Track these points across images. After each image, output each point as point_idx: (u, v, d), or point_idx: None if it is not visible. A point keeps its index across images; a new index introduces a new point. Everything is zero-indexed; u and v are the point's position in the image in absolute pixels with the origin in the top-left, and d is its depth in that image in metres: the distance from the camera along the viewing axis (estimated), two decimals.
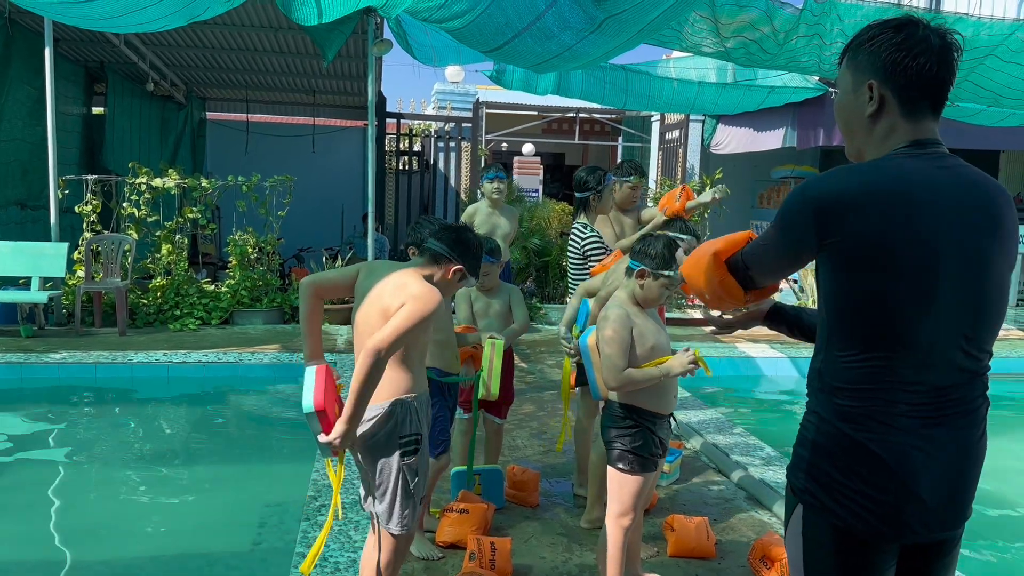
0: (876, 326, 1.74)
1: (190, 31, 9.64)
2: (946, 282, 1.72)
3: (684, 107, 11.03)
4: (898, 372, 1.75)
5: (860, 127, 1.86)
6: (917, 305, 1.72)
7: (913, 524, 1.78)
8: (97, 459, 5.71)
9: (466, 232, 2.94)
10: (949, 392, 1.77)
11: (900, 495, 1.75)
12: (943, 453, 1.77)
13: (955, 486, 1.81)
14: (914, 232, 1.71)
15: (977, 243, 1.76)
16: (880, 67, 1.81)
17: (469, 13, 5.14)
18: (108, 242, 8.64)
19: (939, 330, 1.74)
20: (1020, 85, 5.67)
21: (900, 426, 1.75)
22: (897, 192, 1.73)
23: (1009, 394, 8.06)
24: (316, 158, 13.94)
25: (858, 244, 1.71)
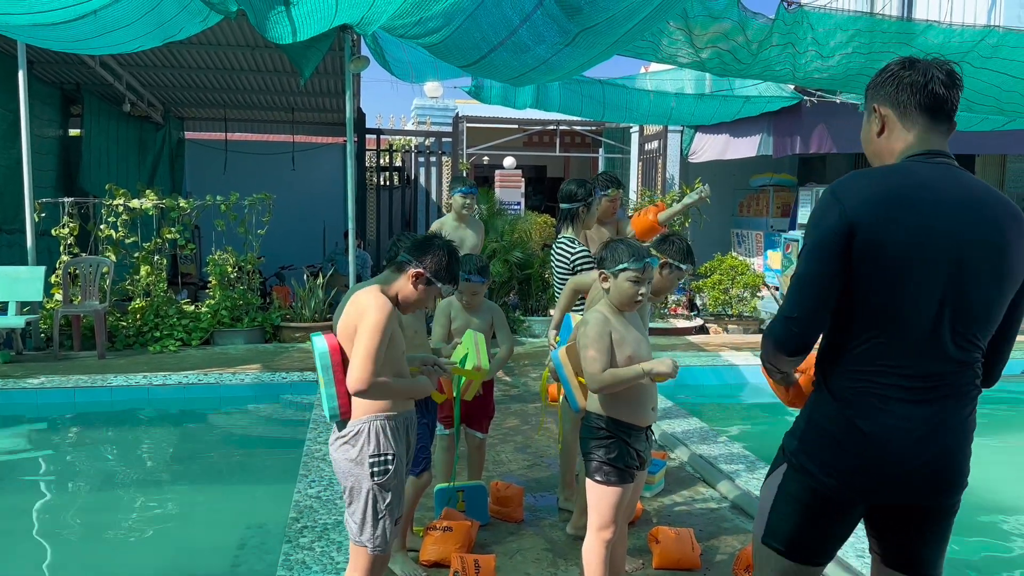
0: (871, 315, 1.94)
1: (166, 51, 9.60)
2: (937, 280, 1.91)
3: (662, 118, 11.09)
4: (890, 357, 1.95)
5: (871, 151, 2.14)
6: (910, 299, 1.91)
7: (885, 492, 2.00)
8: (77, 484, 5.64)
9: (432, 239, 2.92)
10: (941, 378, 1.97)
11: (880, 469, 1.97)
12: (928, 432, 1.96)
13: (939, 462, 1.99)
14: (909, 231, 1.90)
15: (992, 245, 1.94)
16: (882, 93, 2.08)
17: (445, 29, 5.14)
18: (86, 264, 8.56)
19: (930, 322, 1.93)
20: (992, 91, 5.73)
21: (890, 407, 1.95)
22: (898, 194, 1.94)
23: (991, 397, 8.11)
24: (296, 176, 13.90)
25: (860, 241, 1.92)
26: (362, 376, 2.61)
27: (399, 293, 2.85)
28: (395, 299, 2.82)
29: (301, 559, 3.70)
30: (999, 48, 5.25)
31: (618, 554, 3.37)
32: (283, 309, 9.27)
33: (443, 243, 2.92)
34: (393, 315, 2.70)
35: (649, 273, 3.14)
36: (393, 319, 2.70)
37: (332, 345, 2.75)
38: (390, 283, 2.85)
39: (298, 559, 3.70)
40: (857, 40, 5.01)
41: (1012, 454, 6.45)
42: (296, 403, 6.93)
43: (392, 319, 2.69)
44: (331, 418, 2.79)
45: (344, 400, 2.75)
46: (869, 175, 2.02)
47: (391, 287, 2.84)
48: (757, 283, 10.35)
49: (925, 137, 2.04)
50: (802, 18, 4.92)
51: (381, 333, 2.63)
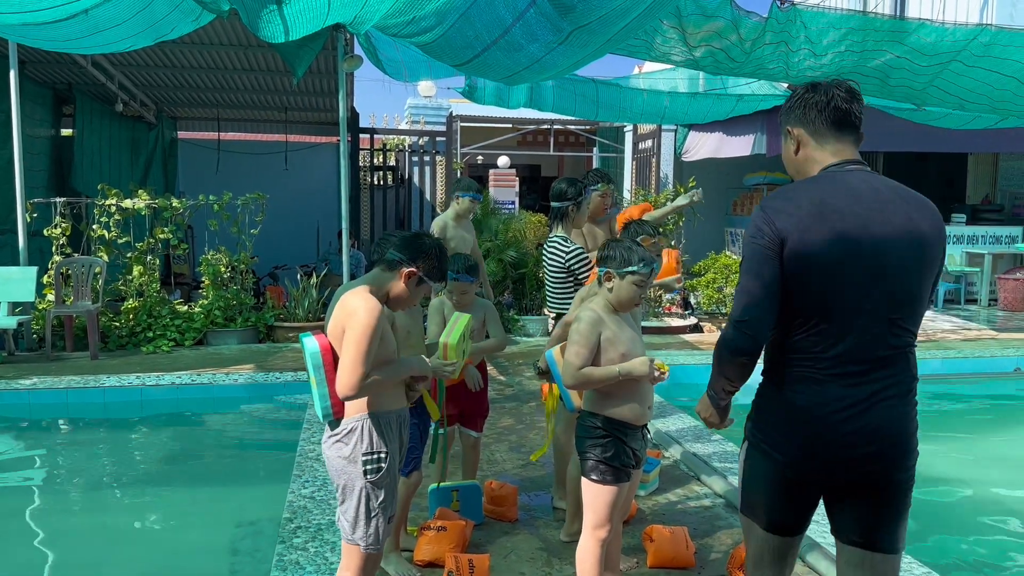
0: (808, 311, 2.17)
1: (158, 51, 9.56)
2: (862, 274, 2.13)
3: (655, 117, 11.09)
4: (827, 345, 2.17)
5: (792, 169, 2.38)
6: (841, 294, 2.14)
7: (829, 472, 2.21)
8: (69, 486, 5.62)
9: (423, 237, 2.92)
10: (876, 363, 2.17)
11: (821, 448, 2.19)
12: (863, 411, 2.16)
13: (877, 439, 2.17)
14: (834, 234, 2.12)
15: (906, 240, 2.15)
16: (793, 116, 2.33)
17: (438, 28, 5.13)
18: (78, 265, 8.53)
19: (863, 313, 2.14)
20: (984, 89, 5.74)
21: (826, 389, 2.17)
22: (820, 202, 2.16)
23: (983, 393, 8.14)
24: (290, 175, 13.86)
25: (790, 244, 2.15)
26: (351, 382, 2.61)
27: (390, 292, 2.84)
28: (385, 298, 2.82)
29: (295, 559, 3.69)
30: (991, 47, 5.26)
31: (612, 552, 3.37)
32: (277, 309, 9.25)
33: (433, 242, 2.92)
34: (383, 317, 2.69)
35: (652, 278, 3.17)
36: (383, 321, 2.69)
37: (323, 345, 2.74)
38: (380, 282, 2.85)
39: (292, 559, 3.69)
40: (850, 39, 5.01)
41: (1006, 450, 6.47)
42: (290, 403, 6.92)
43: (382, 321, 2.68)
44: (324, 417, 2.79)
45: (337, 399, 2.74)
46: (793, 189, 2.25)
47: (382, 286, 2.83)
48: None
49: (837, 149, 2.27)
50: (795, 16, 4.92)
51: (370, 337, 2.62)
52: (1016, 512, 5.17)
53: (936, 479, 5.61)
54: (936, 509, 5.17)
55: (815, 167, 2.29)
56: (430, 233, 3.07)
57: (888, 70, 5.51)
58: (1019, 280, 12.13)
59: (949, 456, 6.19)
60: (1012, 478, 5.79)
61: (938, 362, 8.45)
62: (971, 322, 10.92)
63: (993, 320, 11.21)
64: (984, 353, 8.74)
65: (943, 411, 7.68)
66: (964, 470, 5.90)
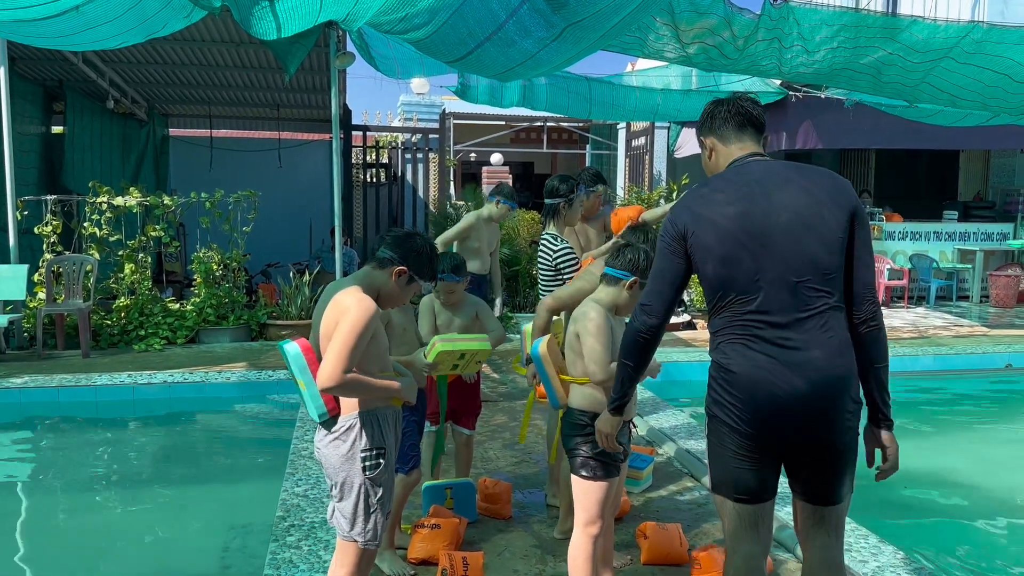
0: (721, 287, 2.42)
1: (150, 47, 9.52)
2: (766, 247, 2.36)
3: (648, 115, 11.10)
4: (747, 315, 2.39)
5: (709, 171, 2.66)
6: (746, 267, 2.37)
7: (773, 433, 2.39)
8: (61, 485, 5.59)
9: (413, 236, 2.92)
10: (796, 325, 2.35)
11: (759, 411, 2.37)
12: (792, 373, 2.33)
13: (811, 399, 2.33)
14: (727, 218, 2.40)
15: (794, 211, 2.37)
16: (705, 127, 2.65)
17: (431, 24, 5.11)
18: (69, 263, 8.49)
19: (771, 282, 2.36)
20: (975, 86, 5.75)
21: (753, 354, 2.37)
22: (714, 191, 2.48)
23: (974, 389, 8.17)
24: (282, 172, 13.82)
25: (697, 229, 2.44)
26: (332, 372, 2.59)
27: (381, 289, 2.84)
28: (376, 295, 2.81)
29: (288, 558, 3.68)
30: (983, 43, 5.27)
31: (606, 548, 3.37)
32: (269, 307, 9.23)
33: (424, 241, 2.92)
34: (375, 316, 2.69)
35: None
36: (375, 320, 2.68)
37: (303, 346, 2.75)
38: (371, 280, 2.84)
39: (285, 558, 3.68)
40: (843, 35, 5.01)
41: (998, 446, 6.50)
42: (282, 402, 6.90)
43: (374, 320, 2.68)
44: (319, 417, 2.78)
45: (329, 397, 2.73)
46: (696, 188, 2.56)
47: (372, 284, 2.83)
48: None
49: (741, 146, 2.56)
50: (788, 13, 4.92)
51: (359, 334, 2.62)
52: (1006, 507, 5.19)
53: (927, 474, 5.63)
54: (927, 504, 5.19)
55: (724, 164, 2.58)
56: (419, 232, 3.06)
57: (880, 66, 5.52)
58: (1010, 277, 12.17)
59: (940, 451, 6.21)
60: (1003, 473, 5.81)
61: (930, 358, 8.48)
62: (963, 318, 10.96)
63: (985, 316, 11.25)
64: (976, 349, 8.77)
65: (935, 407, 7.71)
66: (955, 465, 5.92)
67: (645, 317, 2.54)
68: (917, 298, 12.45)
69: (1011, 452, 6.36)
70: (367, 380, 2.71)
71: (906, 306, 12.03)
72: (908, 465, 5.47)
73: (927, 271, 12.28)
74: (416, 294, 2.99)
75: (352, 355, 2.61)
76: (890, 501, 5.17)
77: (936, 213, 13.30)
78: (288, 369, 2.81)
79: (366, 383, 2.71)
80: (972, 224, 12.98)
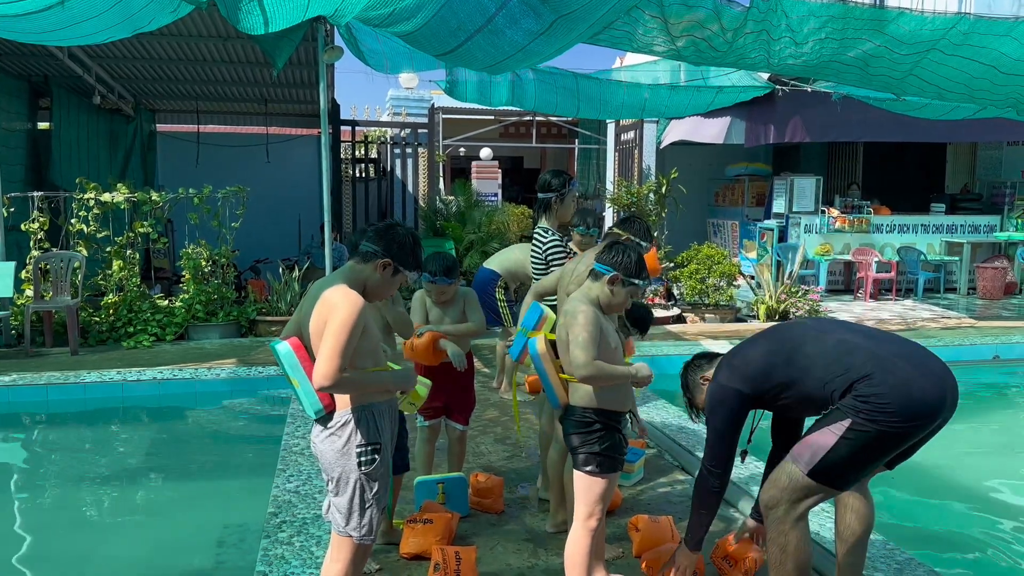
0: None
1: (136, 43, 9.45)
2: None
3: (636, 111, 11.08)
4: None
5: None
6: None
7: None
8: (51, 483, 5.56)
9: (394, 227, 2.91)
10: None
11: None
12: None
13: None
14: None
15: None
16: (696, 374, 3.42)
17: (420, 17, 5.09)
18: (57, 259, 8.44)
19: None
20: (962, 78, 5.76)
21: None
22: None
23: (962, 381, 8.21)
24: (271, 168, 13.76)
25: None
26: (328, 371, 2.59)
27: (367, 283, 2.84)
28: (362, 289, 2.81)
29: (280, 554, 3.67)
30: (970, 35, 5.28)
31: (598, 542, 3.38)
32: (259, 303, 9.19)
33: (406, 231, 2.91)
34: (364, 311, 2.69)
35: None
36: (364, 315, 2.69)
37: (294, 344, 2.76)
38: (356, 274, 2.84)
39: (277, 554, 3.67)
40: (830, 27, 5.01)
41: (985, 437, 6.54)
42: (273, 397, 6.88)
43: (363, 315, 2.68)
44: (315, 414, 2.77)
45: (324, 393, 2.73)
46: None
47: (358, 278, 2.82)
48: (733, 272, 10.40)
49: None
50: (776, 5, 4.91)
51: (350, 331, 2.62)
52: (992, 498, 5.23)
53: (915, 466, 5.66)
54: (915, 495, 5.22)
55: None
56: (400, 223, 3.06)
57: (868, 59, 5.52)
58: (997, 268, 12.25)
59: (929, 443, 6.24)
60: (991, 465, 5.85)
61: None
62: (951, 310, 11.02)
63: (972, 308, 11.32)
64: (964, 341, 8.82)
65: None
66: (942, 457, 5.95)
67: (715, 479, 3.22)
68: (905, 290, 12.51)
69: (998, 442, 6.40)
70: (361, 376, 2.71)
71: (894, 298, 12.09)
72: None
73: (915, 263, 12.35)
74: (403, 285, 2.98)
75: (345, 352, 2.61)
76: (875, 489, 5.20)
77: (924, 206, 13.37)
78: (281, 368, 2.81)
79: (361, 379, 2.71)
80: (959, 216, 13.05)
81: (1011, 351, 8.68)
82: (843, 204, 12.98)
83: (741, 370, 3.14)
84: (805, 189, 12.58)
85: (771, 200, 13.19)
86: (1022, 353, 8.69)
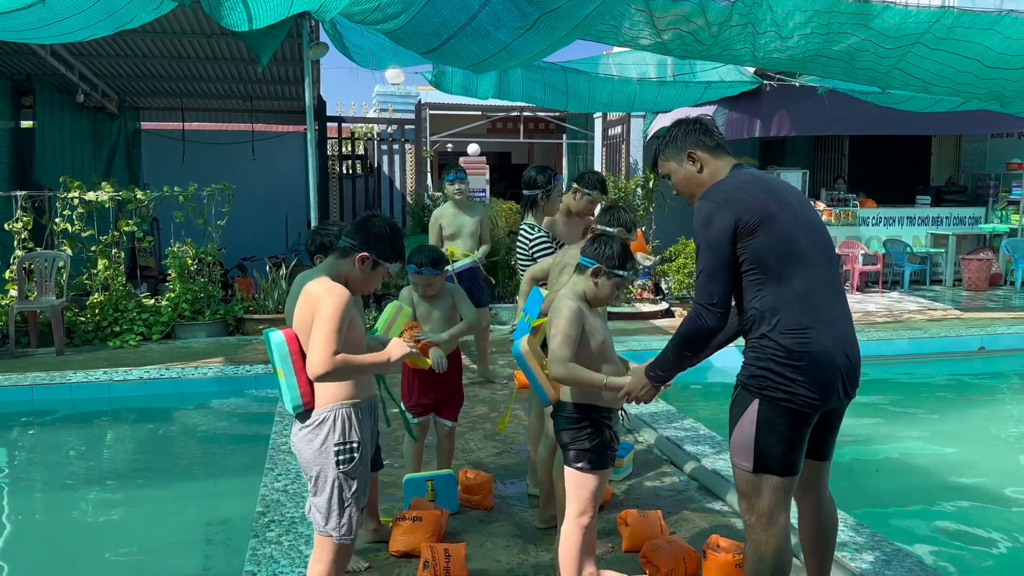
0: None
1: (119, 40, 9.38)
2: (799, 226, 2.69)
3: (624, 106, 11.09)
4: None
5: (697, 184, 2.87)
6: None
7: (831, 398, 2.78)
8: (37, 484, 5.52)
9: (371, 219, 2.87)
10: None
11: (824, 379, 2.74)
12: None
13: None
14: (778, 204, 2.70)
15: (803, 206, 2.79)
16: (691, 141, 2.88)
17: (404, 15, 5.07)
18: (41, 259, 8.38)
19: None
20: (947, 71, 5.79)
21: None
22: (751, 180, 2.76)
23: (948, 372, 8.27)
24: (257, 165, 13.69)
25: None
26: (323, 358, 2.58)
27: (348, 278, 2.81)
28: (344, 284, 2.80)
29: (269, 553, 3.66)
30: (953, 29, 5.30)
31: (588, 538, 3.38)
32: (246, 301, 9.15)
33: (383, 222, 2.87)
34: (350, 302, 2.68)
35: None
36: (350, 306, 2.67)
37: (288, 335, 2.73)
38: (336, 269, 2.82)
39: (266, 553, 3.66)
40: (816, 20, 5.02)
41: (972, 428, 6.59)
42: (260, 396, 6.85)
43: (349, 306, 2.67)
44: (294, 409, 2.76)
45: (306, 389, 2.72)
46: (724, 184, 2.79)
47: (338, 274, 2.80)
48: None
49: (728, 157, 2.87)
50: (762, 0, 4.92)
51: (338, 320, 2.61)
52: (977, 489, 5.27)
53: (900, 456, 5.70)
54: (902, 487, 5.25)
55: (725, 172, 2.82)
56: (377, 214, 3.02)
57: (854, 52, 5.53)
58: (983, 260, 12.33)
59: (913, 434, 6.29)
60: (977, 455, 5.89)
61: (904, 342, 8.57)
62: (936, 302, 11.09)
63: (958, 300, 11.39)
64: (949, 333, 8.88)
65: (909, 390, 7.80)
66: (930, 448, 6.00)
67: (718, 313, 2.67)
68: (891, 283, 12.58)
69: (983, 433, 6.44)
70: (357, 359, 2.69)
71: (880, 291, 12.15)
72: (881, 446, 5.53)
73: (901, 256, 12.41)
74: (385, 278, 2.95)
75: (337, 338, 2.60)
76: (861, 483, 5.23)
77: (909, 198, 13.44)
78: (270, 357, 2.78)
79: (357, 362, 2.69)
80: (945, 209, 13.13)
81: (996, 342, 8.74)
82: (829, 197, 13.03)
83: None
84: (792, 182, 12.61)
85: None
86: (1007, 344, 8.75)
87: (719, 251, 2.66)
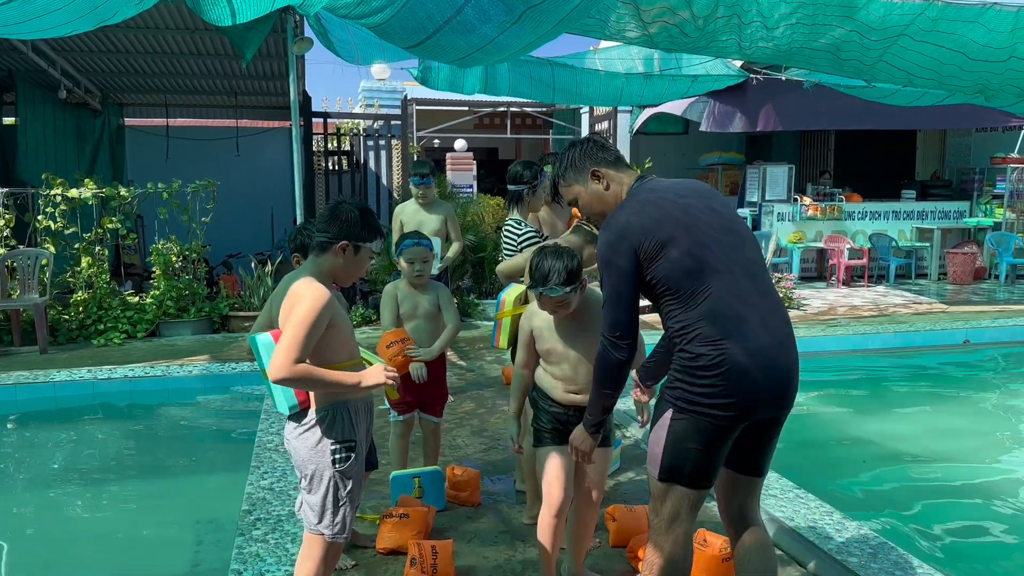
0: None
1: (101, 35, 9.29)
2: (707, 237, 2.58)
3: (611, 100, 11.08)
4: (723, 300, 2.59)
5: (606, 202, 2.81)
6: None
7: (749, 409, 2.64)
8: (21, 484, 5.47)
9: (339, 207, 2.83)
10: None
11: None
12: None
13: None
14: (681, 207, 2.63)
15: (709, 207, 2.66)
16: (595, 159, 2.83)
17: (388, 9, 5.03)
18: (24, 257, 8.30)
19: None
20: (931, 64, 5.81)
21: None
22: (663, 197, 2.66)
23: (933, 365, 8.32)
24: (242, 161, 13.61)
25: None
26: (283, 363, 2.54)
27: (334, 270, 2.79)
28: (331, 277, 2.77)
29: (255, 551, 3.63)
30: (938, 21, 5.31)
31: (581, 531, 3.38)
32: (231, 298, 9.10)
33: (350, 206, 2.82)
34: (329, 304, 2.64)
35: (573, 295, 3.10)
36: (328, 308, 2.63)
37: (276, 335, 2.71)
38: (319, 265, 2.79)
39: (252, 552, 3.63)
40: (801, 12, 5.02)
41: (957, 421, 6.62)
42: (246, 394, 6.81)
43: (328, 308, 2.63)
44: (289, 410, 2.73)
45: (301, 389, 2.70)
46: (626, 206, 2.69)
47: (323, 269, 2.78)
48: None
49: (629, 171, 2.85)
50: None
51: (311, 324, 2.58)
52: (963, 482, 5.29)
53: (885, 449, 5.72)
54: (887, 481, 5.27)
55: (629, 185, 2.78)
56: (344, 199, 2.98)
57: (840, 44, 5.54)
58: (967, 254, 12.40)
59: (900, 427, 6.32)
60: (961, 448, 5.92)
61: (890, 335, 8.61)
62: (921, 296, 11.14)
63: (943, 294, 11.45)
64: (934, 326, 8.92)
65: (895, 383, 7.84)
66: (915, 441, 6.02)
67: (624, 344, 2.66)
68: (877, 276, 12.63)
69: (969, 426, 6.48)
70: (320, 373, 2.62)
71: (866, 285, 12.20)
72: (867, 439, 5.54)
73: (886, 250, 12.46)
74: (371, 258, 2.91)
75: (303, 346, 2.56)
76: (849, 475, 5.25)
77: (895, 192, 13.49)
78: (257, 361, 2.76)
79: (319, 376, 2.62)
80: (930, 203, 13.20)
81: (981, 335, 8.80)
82: (815, 192, 13.08)
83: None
84: (778, 178, 12.65)
85: (744, 189, 13.25)
86: (991, 337, 8.81)
87: (619, 281, 2.60)
